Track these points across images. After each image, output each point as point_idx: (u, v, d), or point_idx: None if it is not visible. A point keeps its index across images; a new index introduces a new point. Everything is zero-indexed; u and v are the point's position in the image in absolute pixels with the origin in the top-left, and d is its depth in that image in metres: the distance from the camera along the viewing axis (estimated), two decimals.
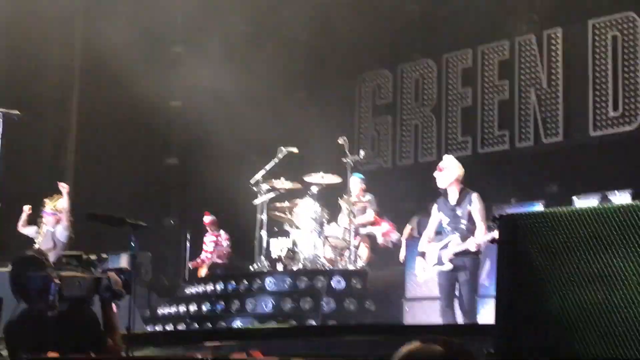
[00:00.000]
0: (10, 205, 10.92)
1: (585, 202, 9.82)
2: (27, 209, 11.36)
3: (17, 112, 10.20)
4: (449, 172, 9.00)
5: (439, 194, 9.18)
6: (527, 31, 13.20)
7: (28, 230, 11.28)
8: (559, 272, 3.06)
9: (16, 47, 15.09)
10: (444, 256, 8.85)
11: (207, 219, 13.98)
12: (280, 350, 6.44)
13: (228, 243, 13.82)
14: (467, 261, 8.76)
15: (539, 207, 10.25)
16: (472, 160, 13.42)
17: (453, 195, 8.99)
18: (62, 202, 11.12)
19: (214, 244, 13.86)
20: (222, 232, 13.95)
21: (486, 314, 8.99)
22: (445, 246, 8.88)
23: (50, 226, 11.11)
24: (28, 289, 4.68)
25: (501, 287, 3.33)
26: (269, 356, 4.15)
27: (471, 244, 8.67)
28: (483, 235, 8.66)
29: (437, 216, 9.11)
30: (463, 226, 8.83)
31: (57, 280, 4.60)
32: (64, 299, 4.62)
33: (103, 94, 15.43)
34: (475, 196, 8.92)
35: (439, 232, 9.18)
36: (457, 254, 8.76)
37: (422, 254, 9.11)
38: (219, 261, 13.70)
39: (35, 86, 14.92)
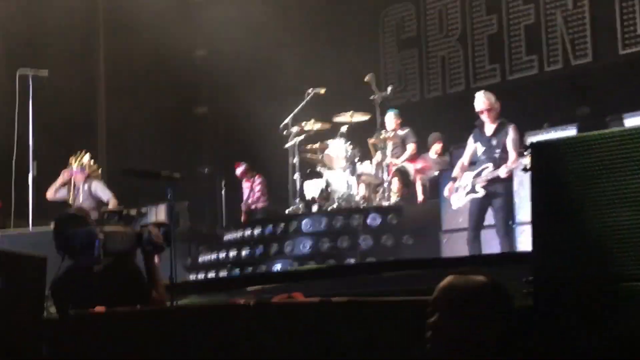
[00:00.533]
0: (45, 167, 11.05)
1: (619, 123, 9.74)
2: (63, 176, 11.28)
3: (45, 71, 10.28)
4: (493, 110, 9.07)
5: (471, 124, 9.26)
6: None
7: (60, 195, 11.22)
8: (594, 196, 3.07)
9: (39, 5, 15.10)
10: (477, 184, 9.02)
11: (239, 170, 13.96)
12: (321, 290, 6.51)
13: (260, 187, 13.83)
14: (500, 187, 9.00)
15: (572, 131, 10.17)
16: (501, 87, 13.31)
17: (490, 127, 9.16)
18: (87, 157, 11.08)
19: (249, 189, 13.91)
20: (256, 177, 13.95)
21: (524, 242, 9.03)
22: (479, 174, 9.09)
23: (80, 183, 11.07)
24: (73, 245, 4.77)
25: (536, 214, 3.33)
26: (311, 297, 4.20)
27: (502, 171, 8.87)
28: (513, 162, 8.77)
29: (472, 146, 9.29)
30: (497, 155, 9.03)
31: (101, 236, 4.69)
32: (108, 253, 4.72)
33: (128, 47, 15.43)
34: (512, 127, 9.12)
35: (473, 163, 9.29)
36: (489, 181, 8.92)
37: (454, 179, 9.37)
38: (254, 206, 13.75)
39: (60, 44, 14.93)
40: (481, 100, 9.27)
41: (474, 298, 2.59)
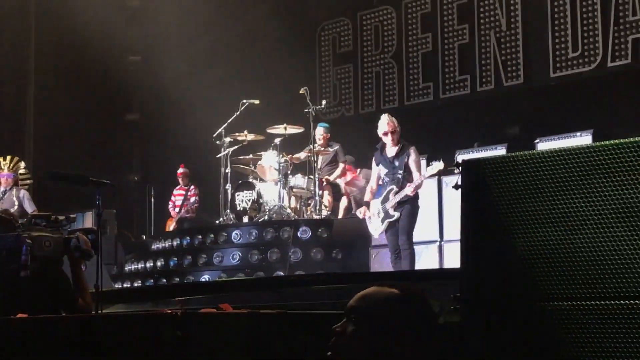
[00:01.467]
0: None
1: (547, 145, 9.94)
2: None
3: None
4: (396, 133, 9.23)
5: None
6: None
7: None
8: (522, 215, 3.11)
9: None
10: (389, 208, 9.19)
11: (181, 170, 13.76)
12: (249, 302, 6.48)
13: (196, 198, 13.70)
14: (407, 207, 9.17)
15: (501, 150, 10.35)
16: (434, 105, 13.50)
17: (392, 149, 9.34)
18: (23, 165, 10.93)
19: (183, 197, 13.75)
20: (192, 186, 13.78)
21: (451, 259, 9.13)
22: (387, 198, 9.22)
23: (7, 188, 10.91)
24: None
25: (465, 231, 3.36)
26: (239, 309, 4.17)
27: (408, 189, 9.07)
28: (418, 179, 9.10)
29: (376, 169, 9.45)
30: (400, 176, 9.21)
31: (28, 241, 4.59)
32: (35, 259, 4.61)
33: (60, 50, 15.21)
34: (412, 149, 9.34)
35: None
36: (399, 202, 9.09)
37: (367, 204, 9.56)
38: (187, 215, 13.60)
39: None
40: (385, 122, 9.38)
41: (385, 307, 2.56)
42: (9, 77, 15.60)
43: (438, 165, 9.04)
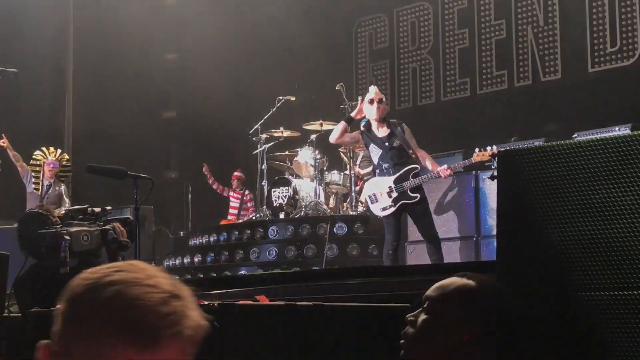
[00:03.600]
0: (9, 163, 10.96)
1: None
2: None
3: (14, 69, 10.20)
4: (384, 106, 8.90)
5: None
6: None
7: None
8: (559, 205, 3.09)
9: (10, 4, 14.98)
10: (407, 188, 8.66)
11: (237, 174, 13.76)
12: (285, 295, 6.49)
13: (252, 202, 13.67)
14: (422, 192, 8.67)
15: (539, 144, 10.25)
16: (471, 101, 13.44)
17: (381, 129, 8.84)
18: (67, 158, 11.03)
19: (239, 202, 13.73)
20: (246, 191, 13.73)
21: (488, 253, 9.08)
22: (404, 177, 8.70)
23: (49, 178, 11.03)
24: (38, 246, 4.71)
25: (502, 223, 3.35)
26: (275, 301, 4.19)
27: (443, 171, 8.60)
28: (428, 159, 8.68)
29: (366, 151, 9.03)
30: (412, 155, 8.72)
31: (67, 237, 4.63)
32: (74, 254, 4.65)
33: (98, 48, 15.34)
34: (406, 126, 8.83)
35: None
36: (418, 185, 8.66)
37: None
38: (245, 219, 13.57)
39: (30, 44, 14.81)
40: (374, 91, 8.95)
41: (459, 298, 2.48)
42: (48, 75, 15.77)
43: (490, 151, 8.68)
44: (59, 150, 11.30)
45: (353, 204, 11.08)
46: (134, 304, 1.53)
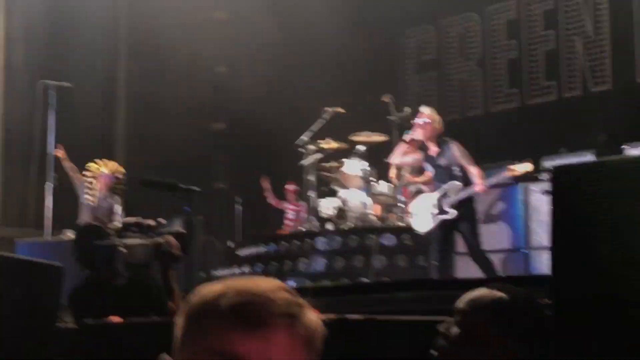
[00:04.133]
0: (65, 175, 11.13)
1: (635, 151, 9.74)
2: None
3: (68, 84, 10.39)
4: (436, 125, 9.05)
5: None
6: None
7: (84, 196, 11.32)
8: (615, 222, 3.06)
9: (63, 20, 15.25)
10: (446, 205, 8.88)
11: (290, 187, 13.83)
12: (334, 308, 6.49)
13: (306, 214, 13.71)
14: (466, 209, 8.83)
15: (589, 156, 10.17)
16: (520, 112, 13.35)
17: (433, 148, 9.12)
18: (122, 171, 11.16)
19: (296, 213, 13.77)
20: (301, 202, 13.78)
21: (538, 267, 9.01)
22: (446, 195, 8.89)
23: (103, 191, 11.14)
24: (94, 258, 4.79)
25: (555, 237, 3.33)
26: (325, 314, 4.20)
27: (478, 186, 8.69)
28: (479, 176, 8.75)
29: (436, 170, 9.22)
30: (458, 172, 8.89)
31: (122, 249, 4.70)
32: (129, 266, 4.73)
33: (149, 62, 15.54)
34: (453, 143, 9.02)
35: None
36: (461, 201, 8.79)
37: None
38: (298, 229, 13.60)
39: (83, 57, 15.06)
40: (423, 112, 9.27)
41: (492, 311, 2.48)
42: (99, 87, 16.00)
43: (526, 166, 8.78)
44: (115, 163, 11.42)
45: (401, 214, 11.06)
46: (245, 290, 1.56)
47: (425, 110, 9.36)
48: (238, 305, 1.55)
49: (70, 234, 10.67)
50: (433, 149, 9.12)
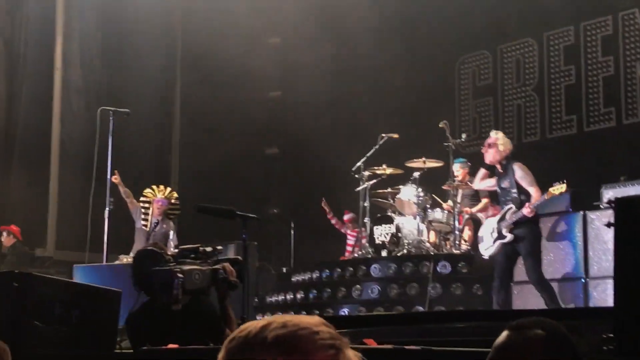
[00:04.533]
0: (120, 200, 11.26)
1: None
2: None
3: (126, 110, 10.55)
4: (499, 148, 9.03)
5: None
6: (630, 5, 12.82)
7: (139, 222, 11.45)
8: None
9: (119, 46, 15.53)
10: (503, 228, 8.96)
11: (347, 216, 13.80)
12: (390, 336, 6.43)
13: (365, 240, 13.67)
14: (526, 231, 8.81)
15: None
16: (578, 138, 13.17)
17: (498, 171, 9.23)
18: (176, 196, 11.28)
19: (355, 239, 13.74)
20: (362, 228, 13.75)
21: (597, 297, 8.85)
22: (503, 217, 9.04)
23: (157, 216, 11.26)
24: (152, 282, 4.82)
25: (620, 269, 3.27)
26: (382, 344, 4.17)
27: (526, 210, 8.75)
28: (536, 200, 8.78)
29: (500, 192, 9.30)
30: (515, 194, 8.96)
31: (180, 274, 4.73)
32: (186, 292, 4.75)
33: (204, 88, 15.72)
34: (516, 165, 9.10)
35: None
36: (515, 223, 8.80)
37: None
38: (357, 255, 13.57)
39: (140, 85, 15.30)
40: (496, 135, 9.40)
41: (534, 356, 2.41)
42: (155, 115, 16.23)
43: (560, 187, 8.77)
44: (169, 189, 11.55)
45: (457, 242, 10.96)
46: (290, 323, 1.58)
47: (492, 133, 9.43)
48: (282, 336, 1.55)
49: (126, 259, 10.79)
50: (498, 171, 9.19)
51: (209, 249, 5.04)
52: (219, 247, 5.14)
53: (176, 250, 5.40)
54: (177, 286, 4.66)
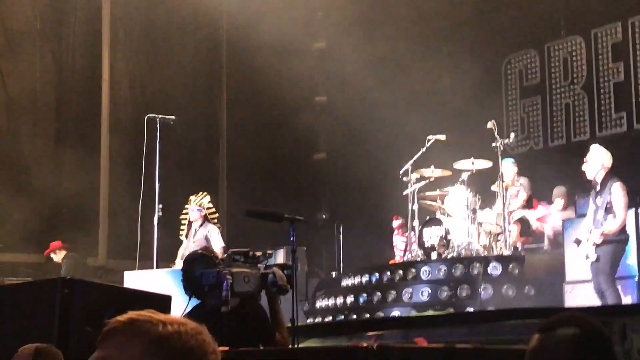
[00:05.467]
0: (168, 209, 11.33)
1: None
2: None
3: (172, 117, 10.64)
4: (593, 162, 8.88)
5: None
6: None
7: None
8: None
9: (164, 55, 15.68)
10: (589, 248, 8.82)
11: (396, 223, 13.69)
12: (441, 337, 6.41)
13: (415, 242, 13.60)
14: (608, 249, 8.65)
15: None
16: (628, 136, 12.99)
17: (597, 185, 8.95)
18: (207, 200, 11.32)
19: (405, 244, 13.70)
20: (412, 233, 13.72)
21: None
22: (588, 238, 8.86)
23: (196, 224, 11.30)
24: (201, 285, 4.85)
25: None
26: (433, 344, 4.14)
27: (607, 228, 8.62)
28: (611, 226, 8.57)
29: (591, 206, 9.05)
30: (600, 217, 8.73)
31: (229, 277, 4.75)
32: (235, 294, 4.76)
33: (250, 94, 15.82)
34: (616, 186, 8.74)
35: None
36: (596, 245, 8.69)
37: (578, 242, 8.97)
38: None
39: (185, 92, 15.43)
40: (593, 150, 9.21)
41: (563, 350, 2.37)
42: (202, 122, 16.35)
43: None
44: (204, 194, 11.53)
45: (507, 243, 10.86)
46: None
47: (592, 147, 9.24)
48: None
49: (176, 264, 10.87)
50: (597, 186, 8.96)
51: (258, 253, 5.06)
52: (269, 252, 5.16)
53: (225, 255, 5.42)
54: (225, 288, 4.68)
